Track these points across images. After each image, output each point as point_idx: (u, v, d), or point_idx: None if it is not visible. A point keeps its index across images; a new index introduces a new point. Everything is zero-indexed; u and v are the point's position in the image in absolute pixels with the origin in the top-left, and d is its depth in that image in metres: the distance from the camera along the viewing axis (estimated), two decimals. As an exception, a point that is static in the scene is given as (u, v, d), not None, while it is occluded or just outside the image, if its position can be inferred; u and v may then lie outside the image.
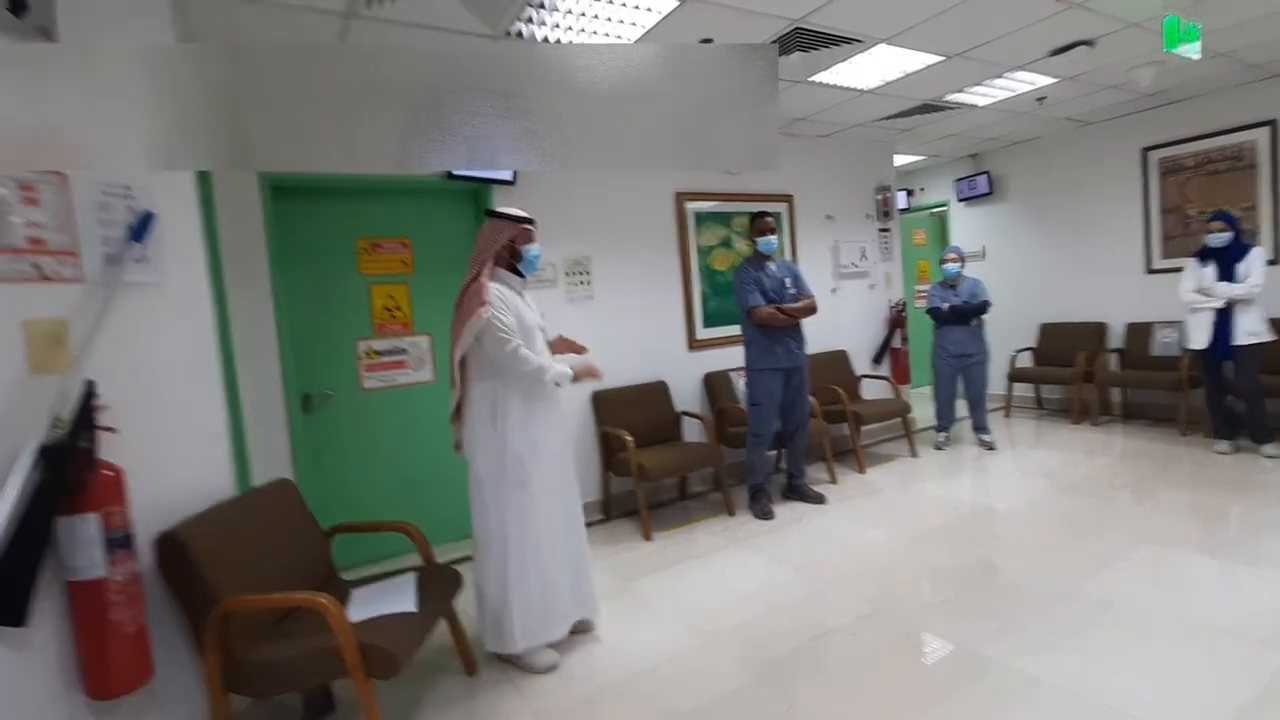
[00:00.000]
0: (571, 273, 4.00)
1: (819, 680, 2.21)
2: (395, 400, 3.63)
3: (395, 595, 2.16)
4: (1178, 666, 2.10)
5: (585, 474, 3.99)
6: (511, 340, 2.30)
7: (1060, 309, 6.02)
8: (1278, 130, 4.70)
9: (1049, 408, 6.12)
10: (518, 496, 2.37)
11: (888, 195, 5.59)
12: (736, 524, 3.77)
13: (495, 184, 3.72)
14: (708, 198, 4.60)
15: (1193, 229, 5.12)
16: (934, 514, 3.70)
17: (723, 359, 4.57)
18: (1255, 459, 4.13)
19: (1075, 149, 5.85)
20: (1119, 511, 3.53)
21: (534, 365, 2.32)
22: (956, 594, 2.73)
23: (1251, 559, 2.83)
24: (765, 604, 2.77)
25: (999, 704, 1.99)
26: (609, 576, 3.16)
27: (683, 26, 3.03)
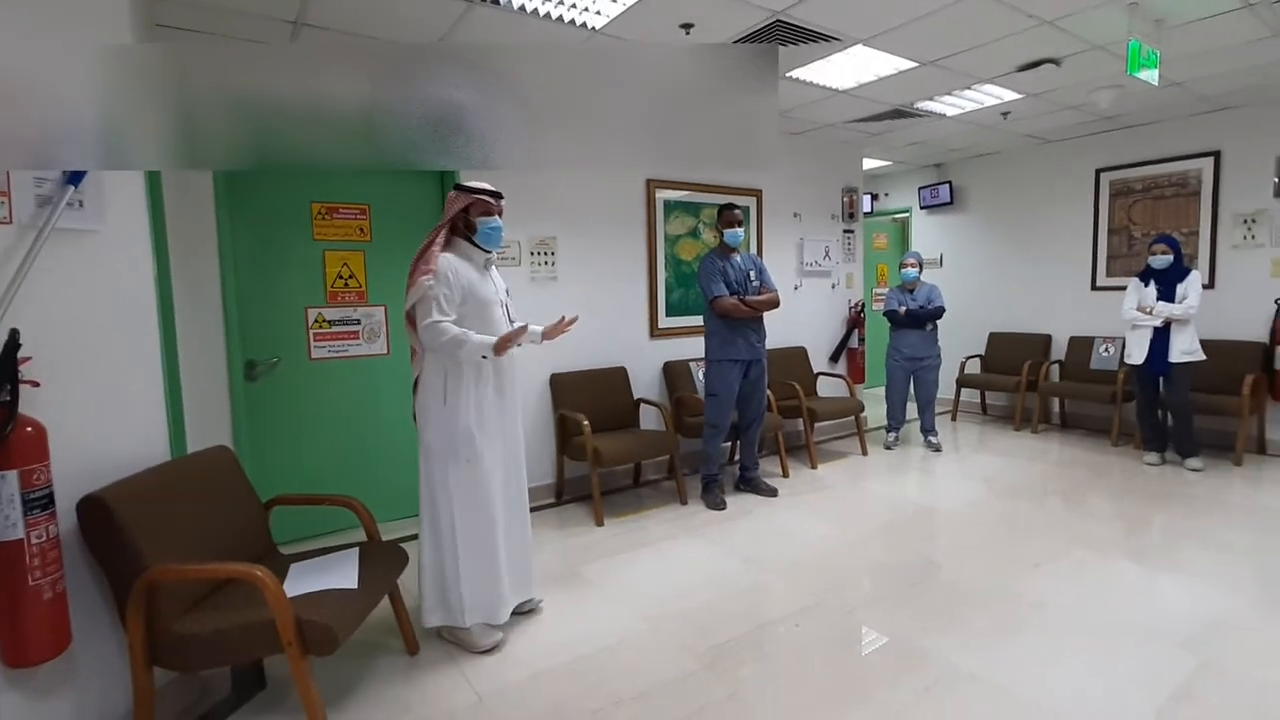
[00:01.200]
0: (536, 252, 3.94)
1: (761, 667, 2.24)
2: (346, 372, 3.51)
3: (336, 571, 2.09)
4: (1103, 666, 2.20)
5: (539, 457, 3.96)
6: (434, 315, 2.24)
7: (1009, 319, 6.24)
8: (1221, 161, 4.94)
9: (993, 414, 6.34)
10: (467, 471, 2.34)
11: (854, 197, 5.67)
12: (689, 513, 3.79)
13: (462, 155, 3.62)
14: (679, 187, 4.58)
15: (1136, 250, 5.35)
16: (880, 512, 3.79)
17: (684, 348, 4.58)
18: (1180, 472, 4.37)
19: (1034, 166, 6.04)
20: (1053, 516, 3.68)
21: (449, 336, 2.23)
22: (897, 589, 2.80)
23: (1172, 565, 2.99)
24: (713, 592, 2.80)
25: (932, 696, 2.05)
26: (558, 560, 3.14)
27: (664, 9, 2.98)
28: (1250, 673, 2.12)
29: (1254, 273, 4.81)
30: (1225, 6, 3.14)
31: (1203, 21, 3.29)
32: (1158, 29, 3.34)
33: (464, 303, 2.33)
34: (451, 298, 2.29)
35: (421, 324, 2.27)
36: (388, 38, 3.16)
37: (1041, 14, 3.18)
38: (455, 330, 2.26)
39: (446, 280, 2.29)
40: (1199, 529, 3.39)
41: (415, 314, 2.31)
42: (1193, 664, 2.18)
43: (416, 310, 2.29)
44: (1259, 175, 4.75)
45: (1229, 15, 3.23)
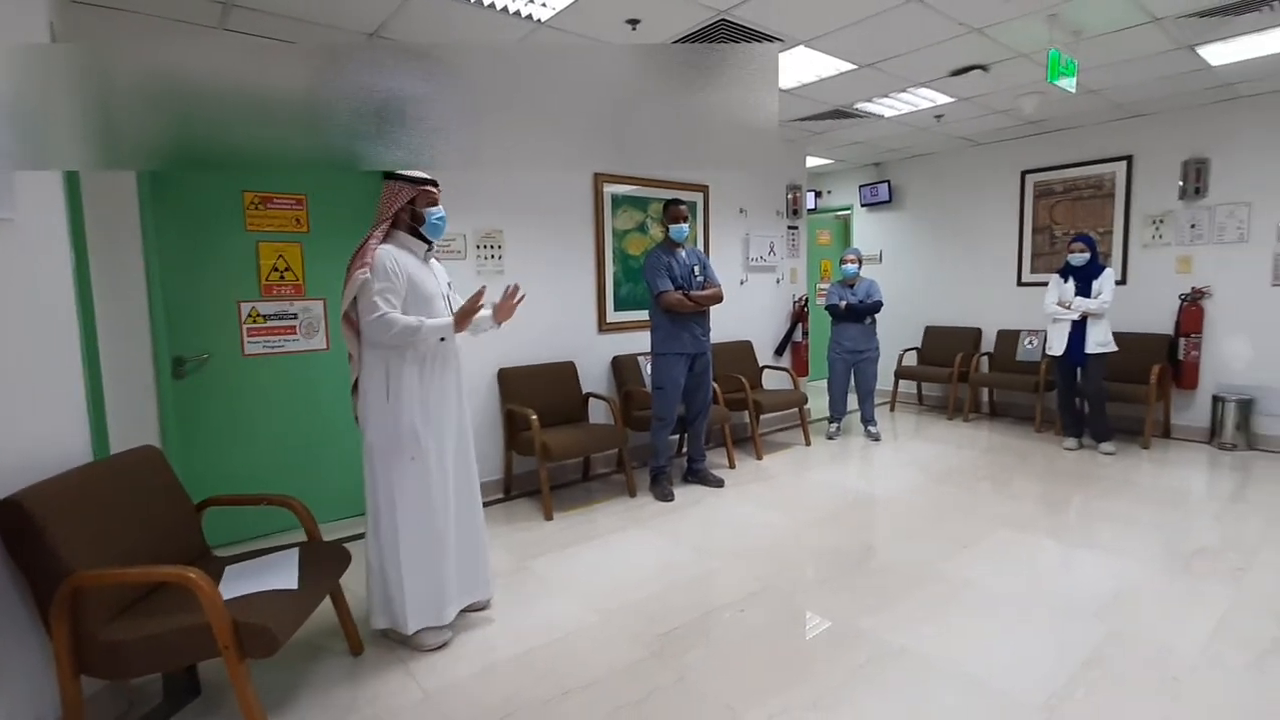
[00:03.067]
0: (482, 245, 3.89)
1: (709, 653, 2.30)
2: (282, 368, 3.39)
3: (275, 572, 2.03)
4: (1023, 637, 2.36)
5: (487, 452, 3.93)
6: (380, 309, 2.18)
7: (943, 313, 6.52)
8: (1133, 165, 5.29)
9: (929, 404, 6.63)
10: (412, 469, 2.29)
11: (798, 194, 5.81)
12: (637, 505, 3.83)
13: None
14: (626, 181, 4.60)
15: (1057, 248, 5.67)
16: (822, 500, 3.92)
17: (632, 342, 4.61)
18: (1095, 455, 4.68)
19: (965, 166, 6.32)
20: (981, 499, 3.89)
21: (401, 325, 2.19)
22: (837, 573, 2.92)
23: (1087, 542, 3.21)
24: (661, 582, 2.84)
25: (867, 672, 2.15)
26: (507, 555, 3.13)
27: (611, 4, 2.99)
28: (1152, 637, 2.31)
29: (1161, 270, 5.17)
30: (1135, 20, 3.36)
31: (1116, 33, 3.52)
32: (1076, 39, 3.56)
33: (406, 296, 2.28)
34: (396, 289, 2.23)
35: (367, 319, 2.20)
36: (324, 22, 3.07)
37: (970, 22, 3.33)
38: (406, 319, 2.21)
39: (386, 272, 2.22)
40: (1110, 508, 3.64)
41: (354, 312, 2.24)
42: (1102, 631, 2.35)
43: (358, 306, 2.22)
44: (1167, 179, 5.11)
45: (1139, 28, 3.46)
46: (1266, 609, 2.49)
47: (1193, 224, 5.02)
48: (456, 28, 3.16)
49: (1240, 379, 4.84)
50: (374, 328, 2.20)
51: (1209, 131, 4.90)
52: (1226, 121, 4.82)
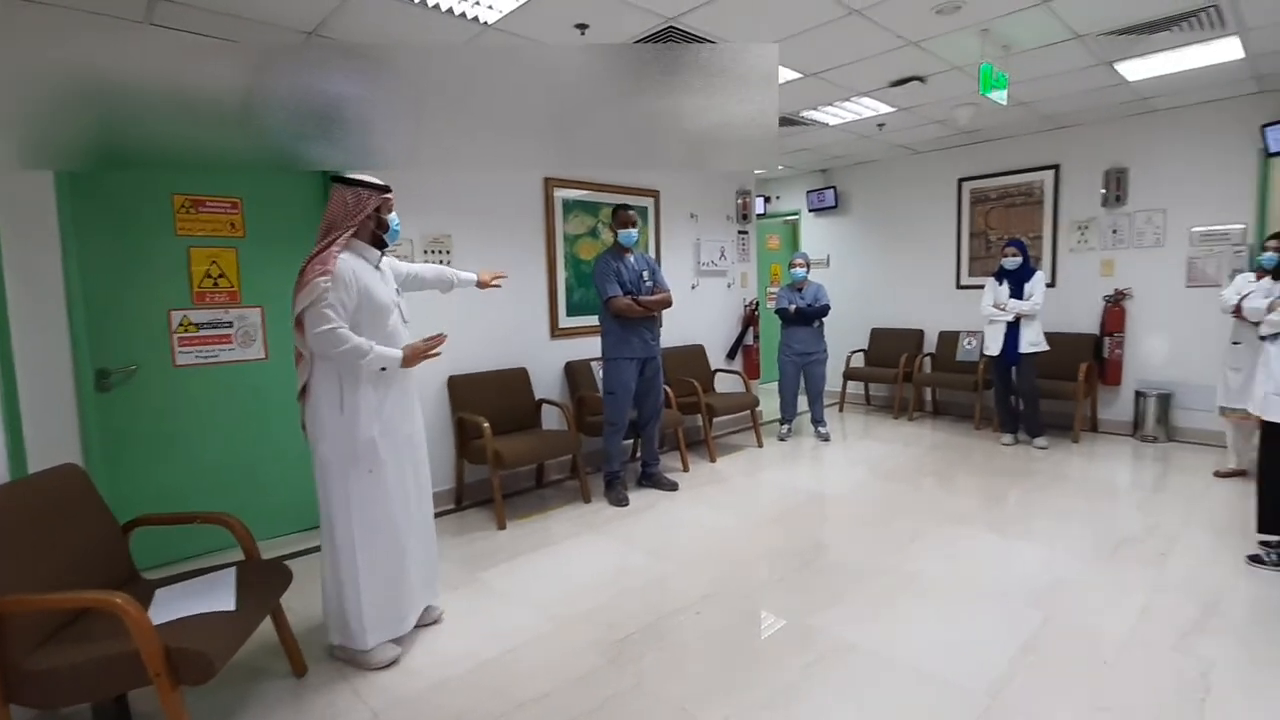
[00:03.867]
0: (430, 250, 3.81)
1: (664, 657, 2.30)
2: (217, 379, 3.25)
3: (210, 593, 1.94)
4: (965, 626, 2.44)
5: (437, 461, 3.83)
6: (332, 321, 2.10)
7: (888, 315, 6.73)
8: (1060, 174, 5.58)
9: (876, 404, 6.82)
10: (369, 482, 2.23)
11: (747, 200, 5.90)
12: (592, 511, 3.81)
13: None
14: (577, 186, 4.59)
15: (992, 252, 5.92)
16: (775, 500, 3.98)
17: (585, 348, 4.59)
18: (1030, 450, 4.89)
19: (906, 174, 6.55)
20: (925, 495, 4.02)
21: (350, 345, 2.12)
22: (790, 572, 2.96)
23: (1024, 533, 3.35)
24: (617, 588, 2.83)
25: (819, 669, 2.19)
26: (459, 567, 3.07)
27: (559, 8, 2.98)
28: (1084, 623, 2.43)
29: (1087, 273, 5.46)
30: (1060, 37, 3.55)
31: (1042, 49, 3.70)
32: (1006, 54, 3.73)
33: (360, 308, 2.20)
34: (347, 303, 2.15)
35: (314, 330, 2.10)
36: (258, 18, 2.96)
37: (908, 35, 3.46)
38: (356, 339, 2.14)
39: (344, 284, 2.14)
40: (1045, 500, 3.82)
41: (305, 318, 2.15)
42: (1039, 618, 2.46)
43: (307, 315, 2.12)
44: (1090, 187, 5.41)
45: (1063, 44, 3.65)
46: (1186, 591, 2.64)
47: (1114, 229, 5.32)
48: (399, 28, 3.10)
49: (1159, 375, 5.14)
50: (322, 340, 2.11)
51: (1128, 142, 5.21)
52: (1143, 133, 5.13)
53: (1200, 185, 4.89)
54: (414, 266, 2.67)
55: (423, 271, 2.69)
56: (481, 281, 2.86)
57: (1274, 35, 3.56)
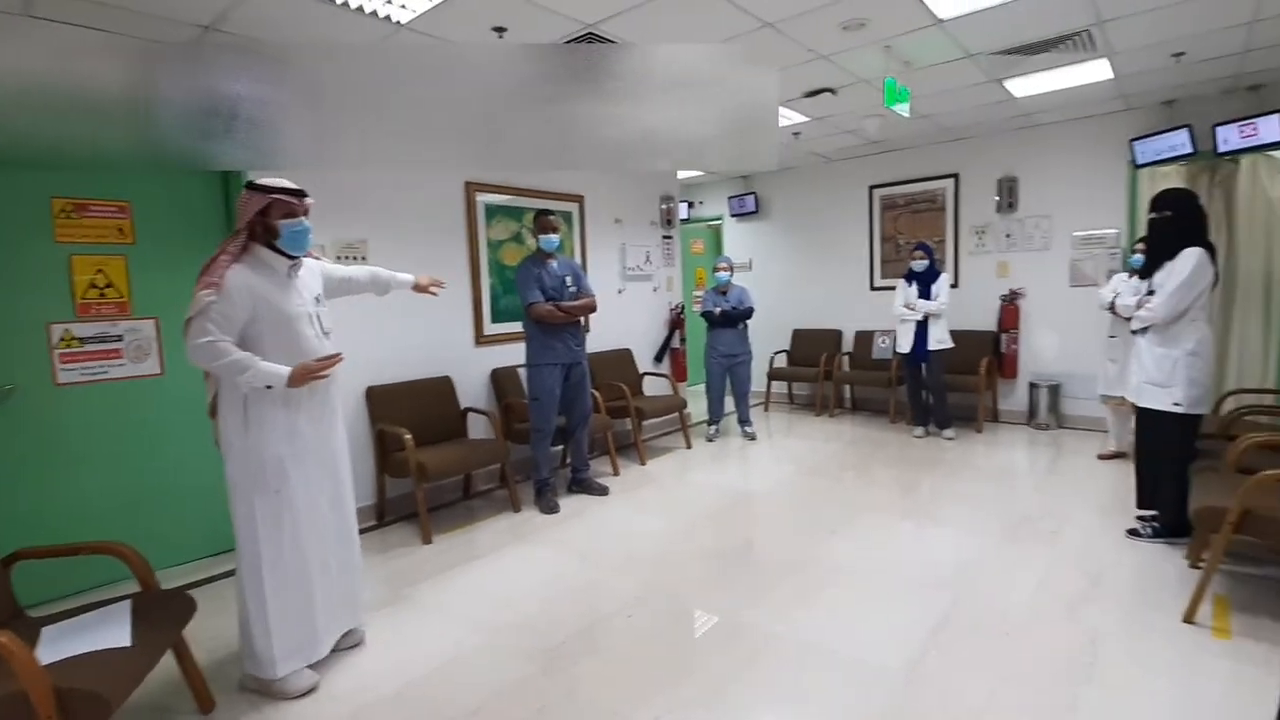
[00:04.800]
0: (344, 257, 3.66)
1: (599, 661, 2.29)
2: (107, 396, 3.00)
3: (104, 629, 1.79)
4: (885, 609, 2.56)
5: (356, 477, 3.67)
6: (210, 334, 1.98)
7: (809, 317, 6.99)
8: (960, 182, 5.96)
9: (799, 402, 7.06)
10: (277, 503, 2.11)
11: (671, 205, 5.99)
12: (522, 520, 3.76)
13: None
14: (500, 190, 4.52)
15: (902, 255, 6.26)
16: (704, 500, 4.05)
17: (512, 354, 4.53)
18: (939, 441, 5.20)
19: (822, 181, 6.83)
20: (846, 488, 4.19)
21: (228, 359, 1.99)
22: (721, 570, 3.02)
23: (935, 519, 3.56)
24: (549, 595, 2.81)
25: (751, 662, 2.25)
26: (382, 585, 2.95)
27: (476, 10, 2.93)
28: (989, 599, 2.60)
29: (985, 274, 5.86)
30: (954, 55, 3.80)
31: (938, 66, 3.96)
32: (908, 69, 3.96)
33: (258, 320, 2.08)
34: (232, 315, 2.03)
35: (193, 342, 1.98)
36: (148, 11, 2.76)
37: (818, 49, 3.61)
38: (237, 353, 2.01)
39: (231, 296, 2.02)
40: (953, 487, 4.07)
41: (188, 330, 2.02)
42: (949, 598, 2.62)
43: (189, 326, 2.00)
44: (985, 194, 5.81)
45: (957, 62, 3.91)
46: (1076, 564, 2.88)
47: (1008, 234, 5.74)
48: (305, 25, 2.96)
49: (1050, 367, 5.58)
50: (199, 352, 1.99)
51: (1017, 154, 5.64)
52: (1030, 145, 5.57)
53: (1080, 193, 5.35)
54: (348, 270, 2.57)
55: (356, 274, 2.58)
56: (419, 285, 2.78)
57: (1136, 58, 3.95)
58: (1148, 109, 5.00)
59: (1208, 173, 4.98)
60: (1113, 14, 3.30)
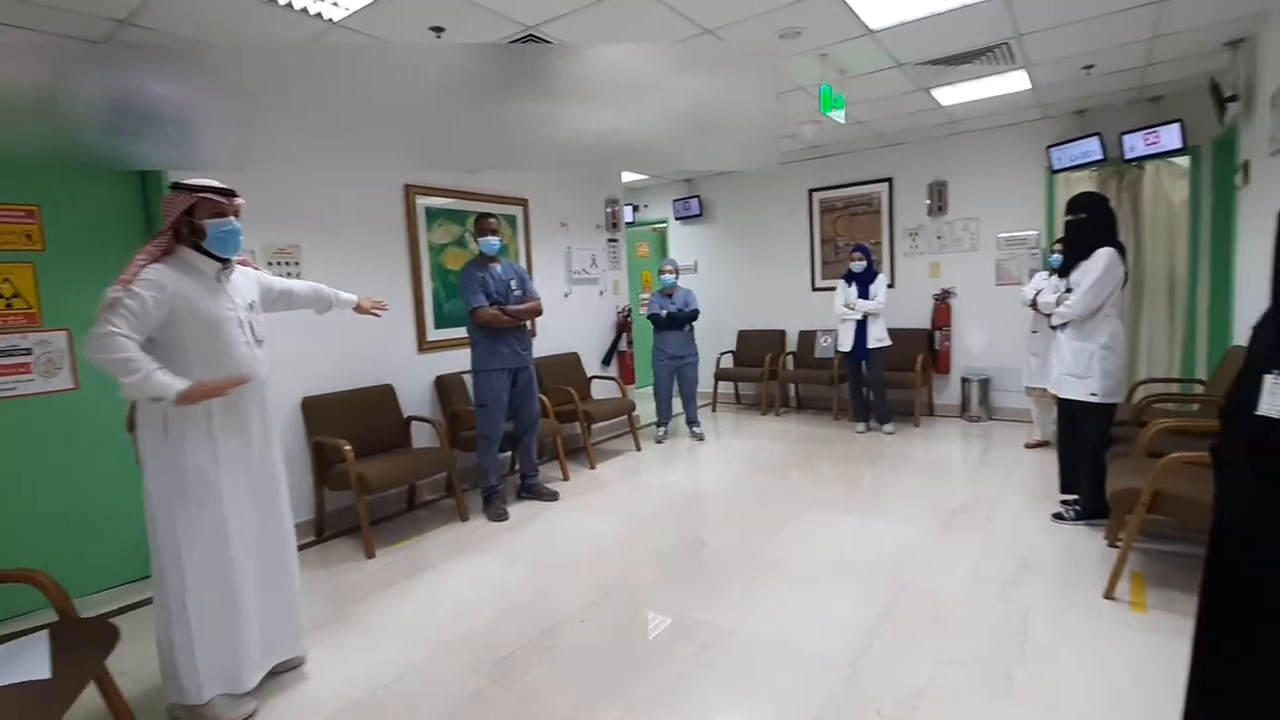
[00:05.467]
0: (276, 263, 3.51)
1: (551, 669, 2.27)
2: (16, 415, 2.79)
3: (19, 662, 1.66)
4: (831, 601, 2.63)
5: (292, 491, 3.53)
6: (111, 326, 1.83)
7: (753, 318, 7.12)
8: (893, 186, 6.19)
9: (745, 402, 7.18)
10: (201, 518, 2.00)
11: (616, 209, 6.00)
12: (470, 529, 3.69)
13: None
14: (440, 193, 4.44)
15: (841, 257, 6.46)
16: (655, 501, 4.07)
17: (456, 361, 4.44)
18: (880, 435, 5.38)
19: (764, 184, 6.98)
20: (792, 485, 4.29)
21: (121, 355, 1.83)
22: (672, 570, 3.04)
23: (878, 512, 3.67)
24: (499, 606, 2.76)
25: (703, 659, 2.27)
26: (323, 604, 2.85)
27: (413, 9, 2.87)
28: (927, 586, 2.70)
29: (919, 274, 6.11)
30: (884, 64, 3.95)
31: (871, 74, 4.10)
32: (842, 77, 4.09)
33: (180, 323, 1.97)
34: (142, 313, 1.88)
35: (91, 332, 1.84)
36: (59, 5, 2.59)
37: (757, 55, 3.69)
38: (134, 352, 1.86)
39: (141, 294, 1.88)
40: (894, 480, 4.21)
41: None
42: (892, 586, 2.71)
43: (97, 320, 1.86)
44: (917, 198, 6.06)
45: (888, 71, 4.07)
46: (1007, 549, 3.03)
47: (939, 235, 5.99)
48: (229, 20, 2.84)
49: (980, 362, 5.85)
50: (93, 344, 1.83)
51: (946, 159, 5.90)
52: (958, 151, 5.83)
53: (1003, 197, 5.64)
54: (288, 282, 2.47)
55: (296, 288, 2.49)
56: (361, 306, 2.72)
57: (1051, 70, 4.19)
58: (1062, 118, 5.31)
59: (1116, 177, 5.33)
60: (1029, 28, 3.50)
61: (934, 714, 1.92)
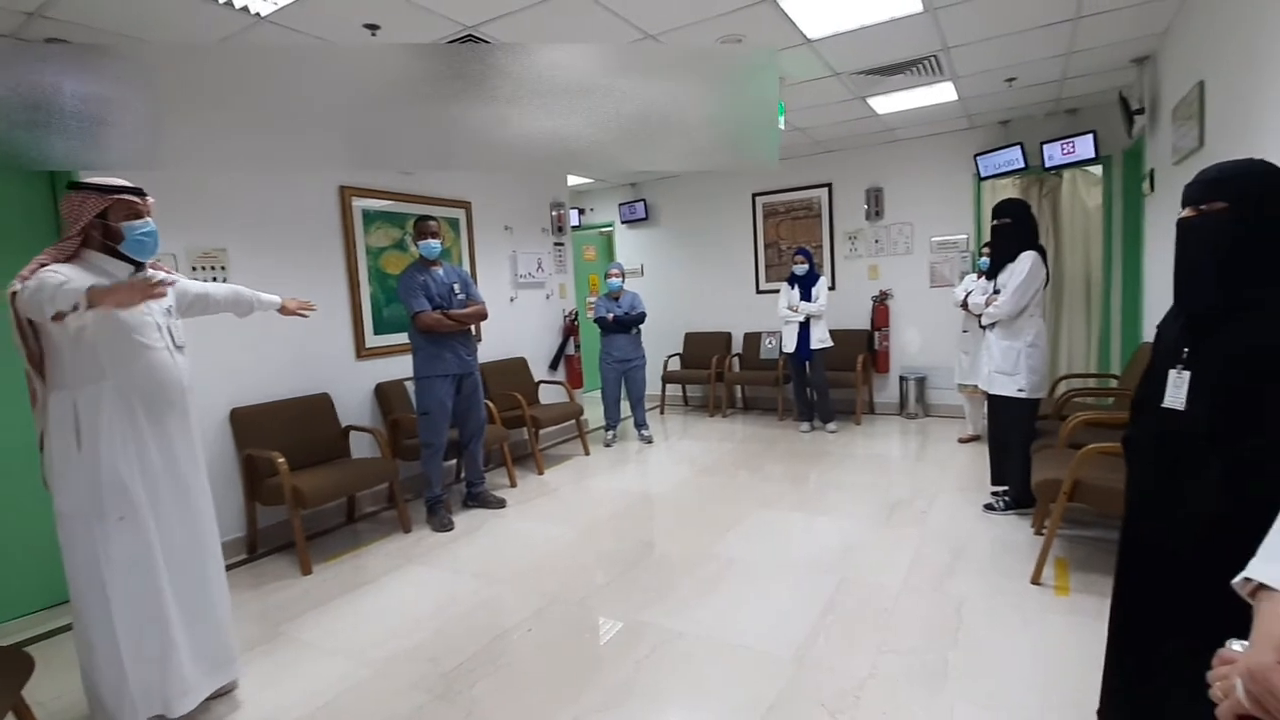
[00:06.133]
0: (201, 268, 3.34)
1: (499, 681, 2.22)
2: (-98, 433, 2.56)
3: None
4: (778, 598, 2.67)
5: (221, 507, 3.36)
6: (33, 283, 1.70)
7: (699, 320, 7.19)
8: (833, 191, 6.37)
9: (693, 404, 7.24)
10: (121, 532, 1.88)
11: (561, 212, 5.97)
12: (413, 541, 3.59)
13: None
14: (378, 195, 4.31)
15: (784, 260, 6.60)
16: (603, 505, 4.05)
17: (398, 367, 4.32)
18: (823, 434, 5.51)
19: (708, 188, 7.06)
20: (740, 485, 4.34)
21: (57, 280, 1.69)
22: (621, 573, 3.03)
23: (822, 508, 3.76)
24: (443, 617, 2.69)
25: (652, 661, 2.27)
26: (256, 624, 2.71)
27: (347, 5, 2.79)
28: (869, 580, 2.78)
29: (858, 277, 6.30)
30: (822, 73, 4.05)
31: (809, 83, 4.21)
32: (781, 85, 4.18)
33: (87, 326, 1.85)
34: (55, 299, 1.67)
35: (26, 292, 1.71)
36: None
37: (697, 60, 3.73)
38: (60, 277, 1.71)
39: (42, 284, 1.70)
40: (837, 477, 4.32)
41: (33, 341, 1.80)
42: (835, 582, 2.77)
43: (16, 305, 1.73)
44: (856, 203, 6.25)
45: (825, 80, 4.18)
46: (942, 540, 3.14)
47: (877, 239, 6.20)
48: (146, 13, 2.69)
49: (917, 361, 6.08)
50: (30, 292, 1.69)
51: (882, 165, 6.10)
52: (893, 158, 6.05)
53: (936, 202, 5.88)
54: (204, 286, 2.36)
55: (214, 292, 2.37)
56: (286, 307, 2.62)
57: (976, 83, 4.40)
58: (988, 127, 5.58)
59: (1037, 184, 5.64)
60: (955, 42, 3.66)
61: (875, 704, 1.97)
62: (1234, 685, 0.67)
